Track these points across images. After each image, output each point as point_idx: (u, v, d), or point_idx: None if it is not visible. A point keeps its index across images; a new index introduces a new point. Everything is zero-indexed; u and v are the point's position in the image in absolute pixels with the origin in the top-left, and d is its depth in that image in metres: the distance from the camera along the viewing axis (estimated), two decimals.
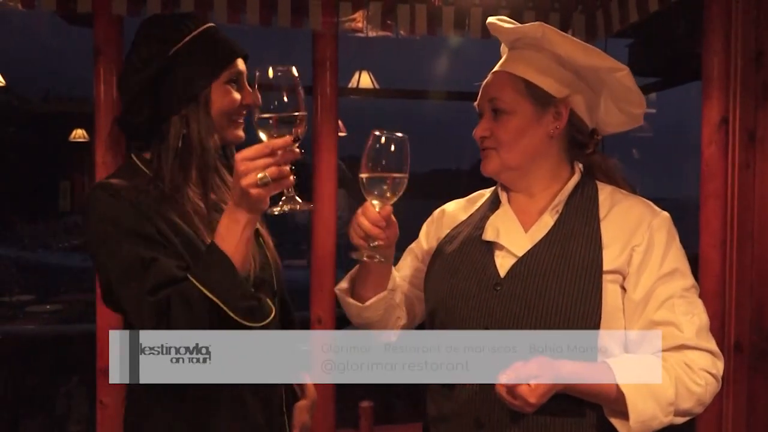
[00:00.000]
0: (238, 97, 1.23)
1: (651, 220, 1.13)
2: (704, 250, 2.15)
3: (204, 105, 1.19)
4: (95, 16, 2.31)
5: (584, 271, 1.09)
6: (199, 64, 1.19)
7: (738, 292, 2.08)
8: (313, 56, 2.62)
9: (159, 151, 1.19)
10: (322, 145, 2.63)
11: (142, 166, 1.22)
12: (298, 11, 2.49)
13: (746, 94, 2.07)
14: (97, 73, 2.32)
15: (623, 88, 1.20)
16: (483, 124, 1.20)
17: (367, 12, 2.52)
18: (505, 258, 1.16)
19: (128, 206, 1.12)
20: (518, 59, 1.19)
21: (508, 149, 1.17)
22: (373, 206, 1.07)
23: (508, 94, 1.17)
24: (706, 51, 2.15)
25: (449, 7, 2.56)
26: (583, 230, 1.13)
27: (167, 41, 1.19)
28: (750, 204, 2.07)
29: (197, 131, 1.19)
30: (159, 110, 1.19)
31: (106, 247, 1.12)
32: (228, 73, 1.22)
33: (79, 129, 9.24)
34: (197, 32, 1.21)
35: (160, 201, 1.15)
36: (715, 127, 2.12)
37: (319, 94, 2.63)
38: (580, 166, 1.24)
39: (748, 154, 2.07)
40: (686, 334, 1.07)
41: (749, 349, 2.08)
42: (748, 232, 2.08)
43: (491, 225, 1.21)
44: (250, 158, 1.00)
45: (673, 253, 1.12)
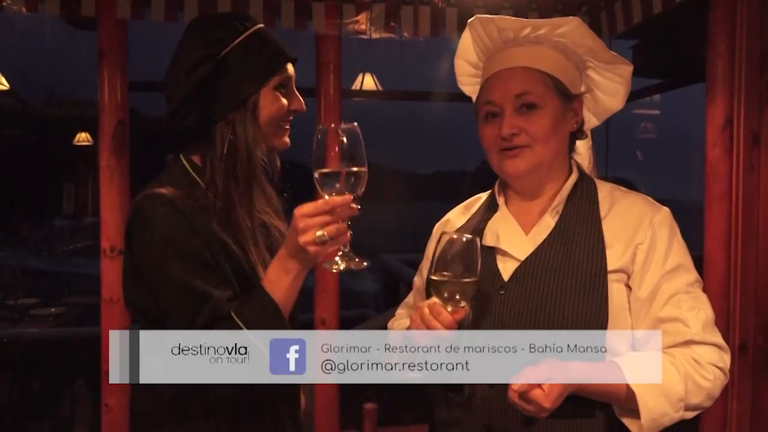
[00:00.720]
0: (285, 103, 1.20)
1: (652, 217, 1.13)
2: (709, 251, 2.15)
3: (252, 111, 1.16)
4: (99, 19, 2.32)
5: (589, 271, 1.09)
6: (249, 69, 1.15)
7: (742, 293, 2.08)
8: (316, 58, 2.63)
9: (209, 158, 1.16)
10: None
11: (192, 172, 1.18)
12: (301, 13, 2.50)
13: (750, 96, 2.07)
14: (101, 76, 2.33)
15: (614, 86, 1.22)
16: (509, 121, 1.14)
17: (370, 14, 2.52)
18: (508, 262, 1.16)
19: (183, 222, 1.09)
20: (536, 55, 1.16)
21: (544, 145, 1.14)
22: (446, 310, 1.01)
23: (540, 88, 1.14)
24: (710, 53, 2.15)
25: (452, 9, 2.57)
26: (585, 230, 1.13)
27: (217, 43, 1.15)
28: (754, 206, 2.07)
29: (244, 138, 1.15)
30: (206, 115, 1.15)
31: (161, 270, 1.08)
32: (278, 78, 1.18)
33: (83, 132, 9.28)
34: (248, 34, 1.17)
35: (212, 214, 1.13)
36: (720, 129, 2.12)
37: (322, 96, 2.64)
38: (577, 163, 1.24)
39: (753, 156, 2.07)
40: (693, 330, 1.07)
41: (754, 350, 2.08)
42: (752, 233, 2.08)
43: (490, 229, 1.20)
44: (309, 215, 1.00)
45: (676, 249, 1.12)
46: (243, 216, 1.15)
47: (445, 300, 1.02)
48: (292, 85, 1.22)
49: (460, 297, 1.02)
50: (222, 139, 1.15)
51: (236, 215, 1.15)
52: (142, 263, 1.11)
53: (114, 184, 2.32)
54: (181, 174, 1.18)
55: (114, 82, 2.32)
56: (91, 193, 13.72)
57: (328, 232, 1.00)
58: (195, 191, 1.15)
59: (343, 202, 1.00)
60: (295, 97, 1.22)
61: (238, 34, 1.16)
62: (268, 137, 1.20)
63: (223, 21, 1.18)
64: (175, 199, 1.10)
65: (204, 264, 1.09)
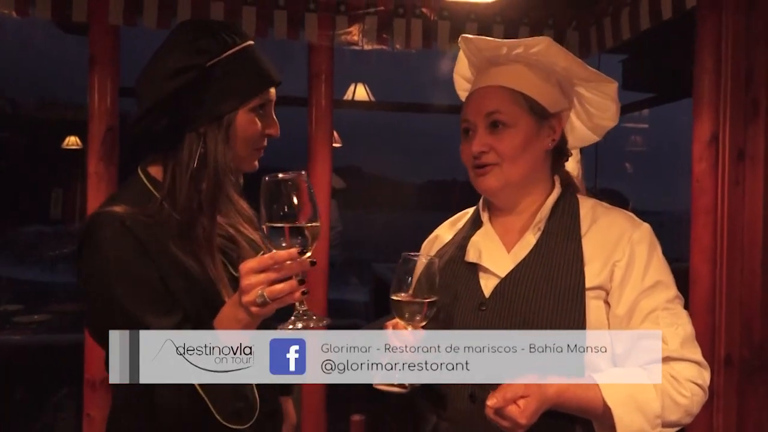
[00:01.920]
0: (260, 127, 1.17)
1: (631, 234, 1.15)
2: (695, 264, 2.18)
3: (226, 128, 1.12)
4: (91, 25, 2.33)
5: (567, 289, 1.10)
6: (232, 85, 1.12)
7: (728, 307, 2.10)
8: (308, 68, 2.65)
9: (172, 169, 1.12)
10: (317, 156, 2.66)
11: (150, 186, 1.15)
12: (294, 24, 2.52)
13: (736, 111, 2.11)
14: (92, 82, 2.34)
15: (604, 103, 1.24)
16: (479, 140, 1.18)
17: (362, 25, 2.55)
18: (489, 279, 1.17)
19: (132, 244, 1.06)
20: (509, 74, 1.19)
21: (511, 163, 1.17)
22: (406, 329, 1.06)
23: (509, 107, 1.17)
24: (697, 69, 2.19)
25: (444, 22, 2.61)
26: (565, 248, 1.15)
27: (204, 53, 1.11)
28: (739, 220, 2.10)
29: (214, 152, 1.12)
30: (177, 123, 1.11)
31: (104, 296, 1.06)
32: (258, 100, 1.15)
33: (72, 136, 9.21)
34: (236, 50, 1.13)
35: (170, 231, 1.10)
36: (706, 144, 2.15)
37: (314, 106, 2.66)
38: (560, 179, 1.26)
39: (738, 171, 2.10)
40: (671, 346, 1.08)
41: (739, 363, 2.10)
42: (737, 247, 2.11)
43: (473, 246, 1.22)
44: (254, 271, 0.97)
45: (655, 266, 1.13)
46: (203, 232, 1.12)
47: (405, 320, 1.06)
48: (271, 110, 1.20)
49: (420, 318, 1.06)
50: (191, 150, 1.12)
51: (195, 231, 1.11)
52: (87, 285, 1.09)
53: (102, 191, 2.32)
54: (137, 188, 1.15)
55: (104, 88, 2.33)
56: (79, 199, 13.66)
57: (270, 292, 0.95)
58: (150, 206, 1.11)
59: (289, 257, 0.95)
60: (271, 122, 1.19)
61: (227, 47, 1.13)
62: (237, 159, 1.16)
63: (213, 31, 1.14)
64: (127, 217, 1.07)
65: (152, 289, 1.06)
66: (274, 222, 0.96)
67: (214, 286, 1.12)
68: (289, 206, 0.96)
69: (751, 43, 2.10)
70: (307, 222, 0.97)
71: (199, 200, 1.12)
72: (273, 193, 0.97)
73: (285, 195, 0.96)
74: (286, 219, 0.96)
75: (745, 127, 2.11)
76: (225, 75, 1.12)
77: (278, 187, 0.97)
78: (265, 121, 1.18)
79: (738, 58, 2.11)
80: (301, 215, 0.97)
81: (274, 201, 0.96)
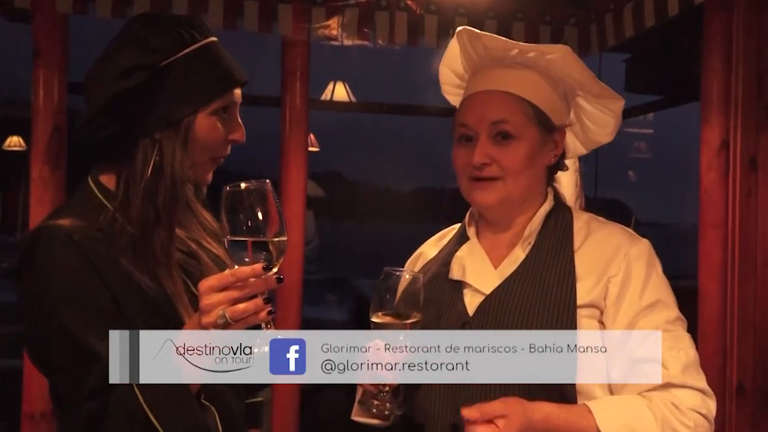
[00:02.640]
0: (223, 133, 1.15)
1: (628, 249, 1.15)
2: (703, 283, 2.19)
3: (184, 134, 1.11)
4: (34, 13, 2.29)
5: (557, 306, 1.11)
6: (190, 87, 1.10)
7: (740, 330, 2.11)
8: (282, 65, 2.64)
9: (126, 178, 1.11)
10: (291, 162, 2.64)
11: (101, 197, 1.13)
12: (266, 15, 2.51)
13: (747, 117, 2.13)
14: (36, 77, 2.29)
15: (605, 118, 1.25)
16: (481, 149, 1.16)
17: (341, 19, 2.55)
18: (474, 296, 1.18)
19: (80, 261, 1.05)
20: (520, 80, 1.19)
21: (515, 179, 1.17)
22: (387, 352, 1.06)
23: (518, 118, 1.17)
24: (705, 71, 2.21)
25: (432, 16, 2.61)
26: (556, 263, 1.15)
27: (158, 51, 1.09)
28: (752, 235, 2.12)
29: (171, 161, 1.10)
30: (129, 128, 1.09)
31: (49, 319, 1.04)
32: (221, 102, 1.13)
33: (14, 136, 9.06)
34: (197, 46, 1.12)
35: (124, 246, 1.08)
36: (715, 152, 2.18)
37: (288, 106, 2.65)
38: (553, 191, 1.27)
39: (750, 181, 2.13)
40: (672, 371, 1.08)
41: (753, 393, 2.11)
42: (750, 264, 2.12)
43: (457, 262, 1.22)
44: (215, 289, 0.95)
45: (654, 284, 1.14)
46: (161, 247, 1.11)
47: (386, 342, 1.06)
48: (236, 113, 1.18)
49: (403, 338, 1.06)
50: (145, 158, 1.10)
51: (151, 246, 1.10)
52: (29, 306, 1.07)
53: (47, 199, 2.28)
54: (87, 198, 1.13)
55: (51, 84, 2.29)
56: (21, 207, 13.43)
57: (232, 312, 0.94)
58: (101, 218, 1.10)
59: (252, 274, 0.94)
60: (235, 126, 1.17)
61: (184, 45, 1.11)
62: (195, 167, 1.15)
63: (168, 26, 1.12)
64: (74, 231, 1.06)
65: (101, 311, 1.05)
66: (237, 235, 0.95)
67: (172, 305, 1.11)
68: (252, 218, 0.95)
69: (763, 44, 2.12)
70: (273, 236, 0.97)
71: (155, 212, 1.10)
72: (235, 204, 0.96)
73: (248, 206, 0.95)
74: (250, 232, 0.95)
75: (757, 134, 2.13)
76: (182, 75, 1.10)
77: (240, 198, 0.96)
78: (229, 125, 1.16)
79: (749, 61, 2.14)
80: (266, 228, 0.96)
81: (236, 213, 0.96)
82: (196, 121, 1.12)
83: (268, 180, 0.98)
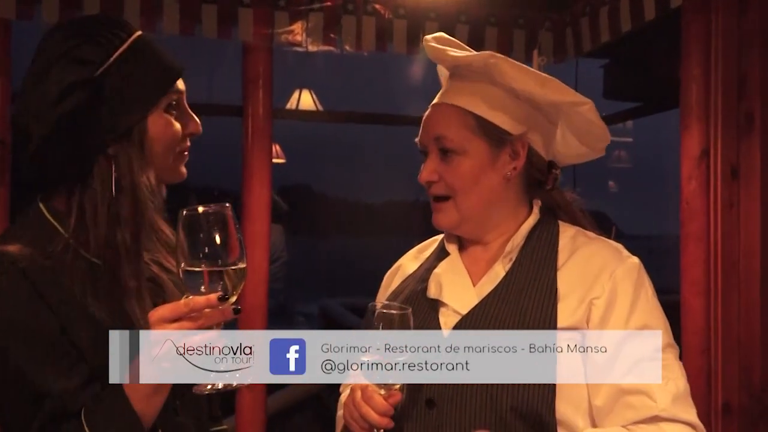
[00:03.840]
0: (179, 127, 1.14)
1: (614, 268, 1.14)
2: (685, 298, 2.21)
3: (138, 142, 1.10)
4: None
5: (536, 327, 1.10)
6: (132, 91, 1.09)
7: (725, 347, 2.13)
8: (243, 72, 2.62)
9: (80, 201, 1.08)
10: (253, 175, 2.61)
11: (53, 220, 1.10)
12: (225, 20, 2.49)
13: (728, 124, 2.16)
14: None
15: (586, 122, 1.23)
16: (429, 166, 1.18)
17: (306, 23, 2.54)
18: (450, 315, 1.17)
19: (27, 291, 1.02)
20: (465, 90, 1.19)
21: (464, 197, 1.17)
22: (379, 394, 1.06)
23: (457, 132, 1.17)
24: (684, 77, 2.24)
25: (401, 21, 2.62)
26: (538, 281, 1.14)
27: (89, 63, 1.07)
28: (735, 247, 2.14)
29: (129, 174, 1.08)
30: (79, 149, 1.07)
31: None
32: (167, 98, 1.12)
33: None
34: (127, 46, 1.10)
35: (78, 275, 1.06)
36: (695, 160, 2.20)
37: (250, 116, 2.62)
38: (540, 204, 1.25)
39: (732, 191, 2.15)
40: (660, 404, 1.07)
41: (739, 412, 2.12)
42: (733, 278, 2.15)
43: (434, 280, 1.21)
44: (166, 320, 0.95)
45: (642, 307, 1.12)
46: (131, 272, 1.09)
47: (378, 384, 1.06)
48: (184, 103, 1.16)
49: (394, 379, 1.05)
50: (102, 177, 1.08)
51: (121, 272, 1.07)
52: None
53: None
54: (37, 223, 1.11)
55: None
56: None
57: (182, 345, 0.95)
58: (53, 245, 1.07)
59: (207, 304, 0.94)
60: (189, 118, 1.16)
61: (112, 49, 1.08)
62: (161, 171, 1.14)
63: (92, 32, 1.09)
64: (22, 260, 1.03)
65: (51, 346, 1.03)
66: (193, 263, 0.95)
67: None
68: (210, 244, 0.95)
69: (743, 48, 2.16)
70: (232, 263, 0.96)
71: (121, 236, 1.08)
72: (191, 229, 0.95)
73: (205, 231, 0.95)
74: (207, 260, 0.95)
75: (739, 142, 2.17)
76: (121, 81, 1.08)
77: (198, 222, 0.95)
78: (181, 119, 1.15)
79: (729, 65, 2.17)
80: (225, 255, 0.95)
81: (192, 238, 0.95)
82: (148, 124, 1.11)
83: (228, 204, 0.97)
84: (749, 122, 2.15)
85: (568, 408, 1.08)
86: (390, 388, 1.06)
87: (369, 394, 1.06)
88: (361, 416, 1.07)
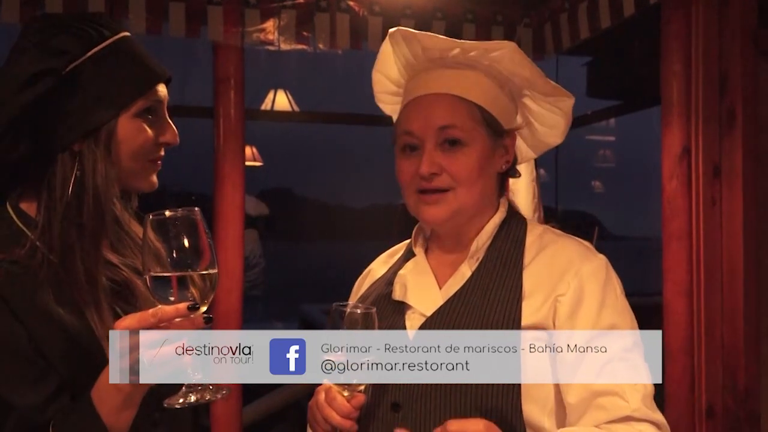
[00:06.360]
0: (151, 134, 1.13)
1: (580, 266, 1.14)
2: (668, 298, 2.22)
3: (105, 143, 1.08)
4: None
5: (500, 327, 1.10)
6: (105, 89, 1.07)
7: (708, 348, 2.14)
8: (214, 72, 2.60)
9: (45, 201, 1.07)
10: (226, 177, 2.59)
11: (19, 223, 1.09)
12: (194, 18, 2.47)
13: (709, 121, 2.18)
14: None
15: (554, 118, 1.25)
16: (429, 158, 1.14)
17: (278, 21, 2.53)
18: (415, 317, 1.17)
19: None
20: (465, 81, 1.17)
21: (468, 188, 1.15)
22: (342, 395, 1.06)
23: (465, 122, 1.15)
24: (665, 73, 2.26)
25: (376, 18, 2.61)
26: (503, 280, 1.15)
27: (61, 54, 1.06)
28: (717, 246, 2.16)
29: (92, 176, 1.07)
30: (43, 144, 1.06)
31: None
32: (144, 103, 1.11)
33: None
34: (108, 44, 1.09)
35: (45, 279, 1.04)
36: (677, 158, 2.22)
37: (221, 117, 2.60)
38: (506, 203, 1.26)
39: (714, 189, 2.17)
40: (632, 404, 1.07)
41: (723, 414, 2.13)
42: (716, 277, 2.16)
43: (399, 282, 1.21)
44: (134, 330, 0.93)
45: (610, 306, 1.13)
46: (85, 276, 1.07)
47: (341, 386, 1.06)
48: (164, 111, 1.15)
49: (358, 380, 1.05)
50: (64, 175, 1.07)
51: (74, 273, 1.06)
52: None
53: None
54: (3, 227, 1.09)
55: None
56: None
57: (152, 357, 0.93)
58: (19, 250, 1.05)
59: (176, 314, 0.93)
60: (165, 127, 1.15)
61: (92, 43, 1.08)
62: (128, 177, 1.12)
63: (71, 25, 1.08)
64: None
65: (17, 356, 1.01)
66: (160, 270, 0.93)
67: (98, 345, 1.06)
68: (178, 250, 0.93)
69: (725, 43, 2.18)
70: (202, 270, 0.94)
71: (77, 233, 1.07)
72: (158, 234, 0.94)
73: (173, 237, 0.94)
74: (175, 266, 0.93)
75: (721, 139, 2.18)
76: (94, 78, 1.07)
77: (165, 228, 0.94)
78: (157, 126, 1.14)
79: (710, 61, 2.19)
80: (194, 261, 0.94)
81: (159, 244, 0.94)
82: (118, 126, 1.09)
83: (197, 208, 0.95)
84: (731, 118, 2.16)
85: (534, 408, 1.08)
86: (353, 390, 1.06)
87: (332, 396, 1.06)
88: (324, 418, 1.07)
